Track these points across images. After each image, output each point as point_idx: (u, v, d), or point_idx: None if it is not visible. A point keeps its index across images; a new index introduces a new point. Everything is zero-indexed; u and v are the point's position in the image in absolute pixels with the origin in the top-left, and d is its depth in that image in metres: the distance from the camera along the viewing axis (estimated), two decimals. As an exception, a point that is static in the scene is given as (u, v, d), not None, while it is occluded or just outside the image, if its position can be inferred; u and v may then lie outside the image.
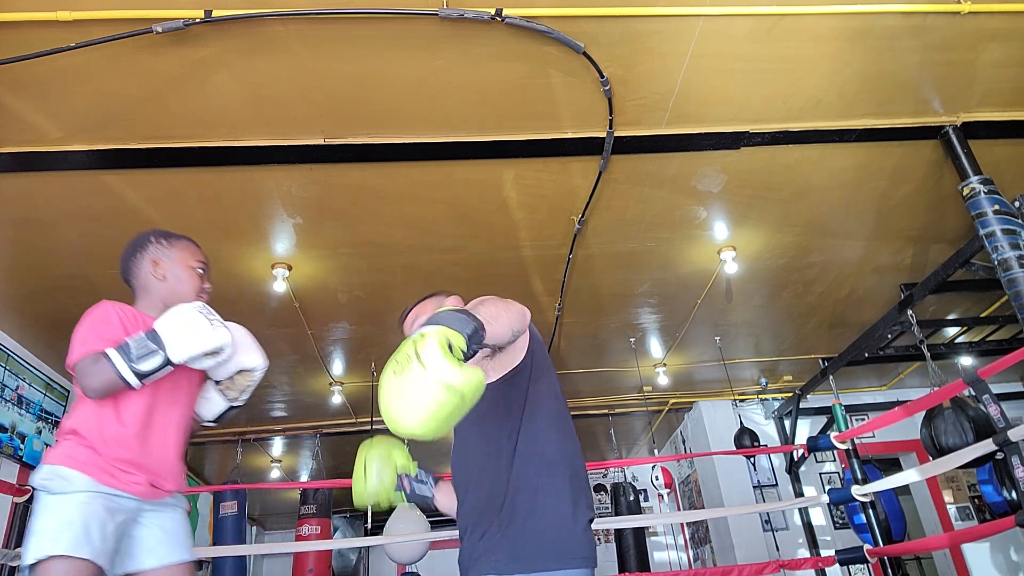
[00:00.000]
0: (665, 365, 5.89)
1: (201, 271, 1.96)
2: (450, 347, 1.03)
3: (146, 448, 1.70)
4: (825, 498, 3.99)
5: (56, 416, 4.69)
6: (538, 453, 1.39)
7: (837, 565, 4.15)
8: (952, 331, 5.47)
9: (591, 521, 1.41)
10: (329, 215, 3.50)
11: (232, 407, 1.94)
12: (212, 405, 1.92)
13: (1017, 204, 3.12)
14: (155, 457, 1.71)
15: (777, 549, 5.83)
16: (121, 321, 1.76)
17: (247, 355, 1.92)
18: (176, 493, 1.78)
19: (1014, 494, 3.85)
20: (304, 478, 8.34)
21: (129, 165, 2.99)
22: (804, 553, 5.66)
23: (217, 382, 1.94)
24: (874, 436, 6.32)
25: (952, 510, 6.31)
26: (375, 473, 1.68)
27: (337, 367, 5.38)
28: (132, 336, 1.65)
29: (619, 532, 5.99)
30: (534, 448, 1.40)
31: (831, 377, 5.04)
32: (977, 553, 6.07)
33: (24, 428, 4.31)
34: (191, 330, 1.68)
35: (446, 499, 1.74)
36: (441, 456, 6.53)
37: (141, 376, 1.61)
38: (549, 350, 5.20)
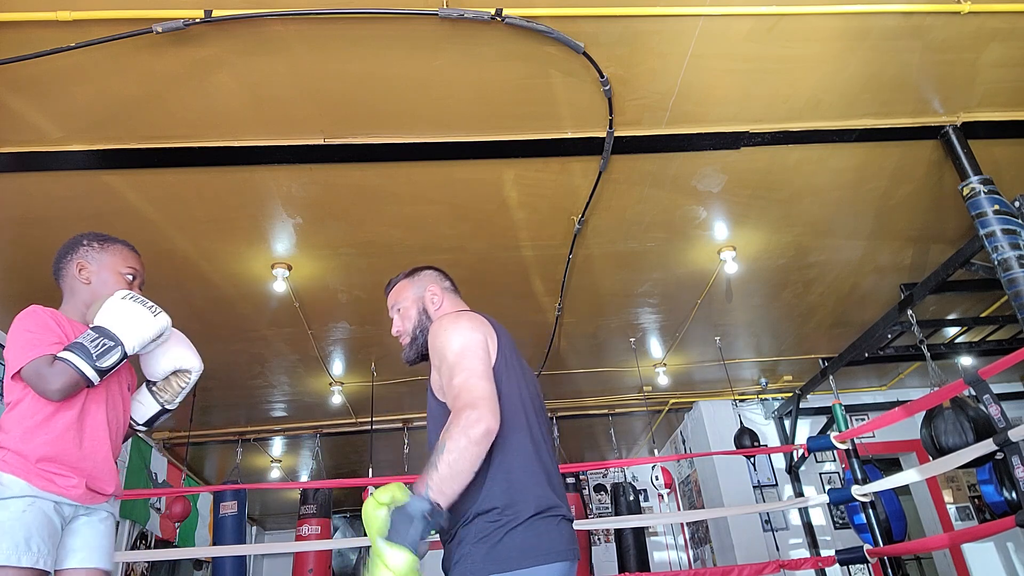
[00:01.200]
0: (665, 365, 5.90)
1: (130, 277, 1.94)
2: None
3: (81, 451, 1.70)
4: (825, 498, 3.99)
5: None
6: (498, 460, 1.43)
7: (837, 565, 4.15)
8: (952, 331, 5.47)
9: (563, 517, 1.45)
10: (329, 215, 3.50)
11: (164, 411, 1.93)
12: (144, 408, 1.92)
13: (1017, 204, 3.12)
14: (90, 460, 1.71)
15: (777, 549, 5.83)
16: (58, 324, 1.75)
17: (185, 354, 1.92)
18: (112, 498, 1.79)
19: (1014, 494, 3.85)
20: (304, 478, 8.34)
21: (129, 165, 3.00)
22: (804, 553, 5.67)
23: (151, 385, 1.93)
24: (874, 436, 6.32)
25: (952, 510, 6.31)
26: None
27: (337, 367, 5.38)
28: (82, 336, 1.66)
29: (619, 532, 5.99)
30: (495, 455, 1.42)
31: (831, 377, 5.04)
32: (977, 553, 6.07)
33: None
34: (136, 318, 1.72)
35: None
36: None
37: (101, 373, 1.64)
38: (549, 350, 5.21)
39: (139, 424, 1.93)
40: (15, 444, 1.63)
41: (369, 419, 6.04)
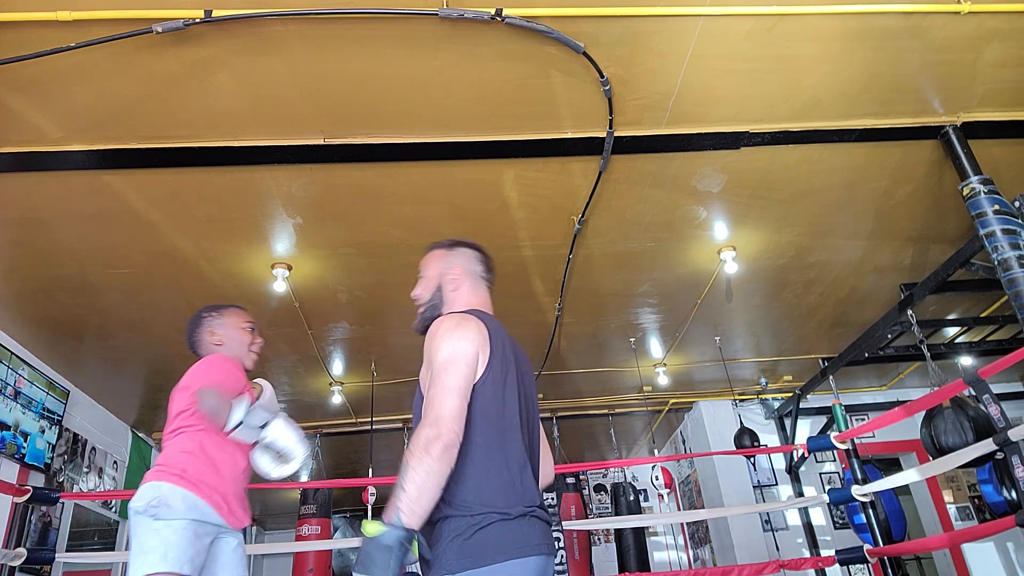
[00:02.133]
0: (665, 365, 5.90)
1: (251, 329, 2.42)
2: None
3: (232, 485, 2.14)
4: (825, 498, 3.99)
5: (57, 415, 4.69)
6: (470, 463, 1.46)
7: (837, 565, 4.16)
8: (952, 331, 5.47)
9: (537, 517, 1.47)
10: (329, 215, 3.50)
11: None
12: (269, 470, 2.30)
13: (1017, 204, 3.12)
14: (234, 492, 2.14)
15: (777, 549, 5.83)
16: (240, 374, 2.27)
17: (288, 464, 2.25)
18: (246, 528, 2.21)
19: (1014, 494, 3.85)
20: (304, 478, 8.34)
21: (129, 165, 3.00)
22: (804, 553, 5.67)
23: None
24: (874, 436, 6.32)
25: (952, 510, 6.31)
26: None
27: (337, 367, 5.38)
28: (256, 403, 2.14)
29: (619, 532, 5.99)
30: (466, 458, 1.45)
31: (831, 377, 5.04)
32: (977, 553, 6.07)
33: (27, 427, 4.31)
34: (291, 433, 2.15)
35: None
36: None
37: (233, 427, 2.05)
38: (549, 350, 5.21)
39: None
40: (186, 469, 2.10)
41: (369, 419, 6.04)
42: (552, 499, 5.18)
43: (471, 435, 1.46)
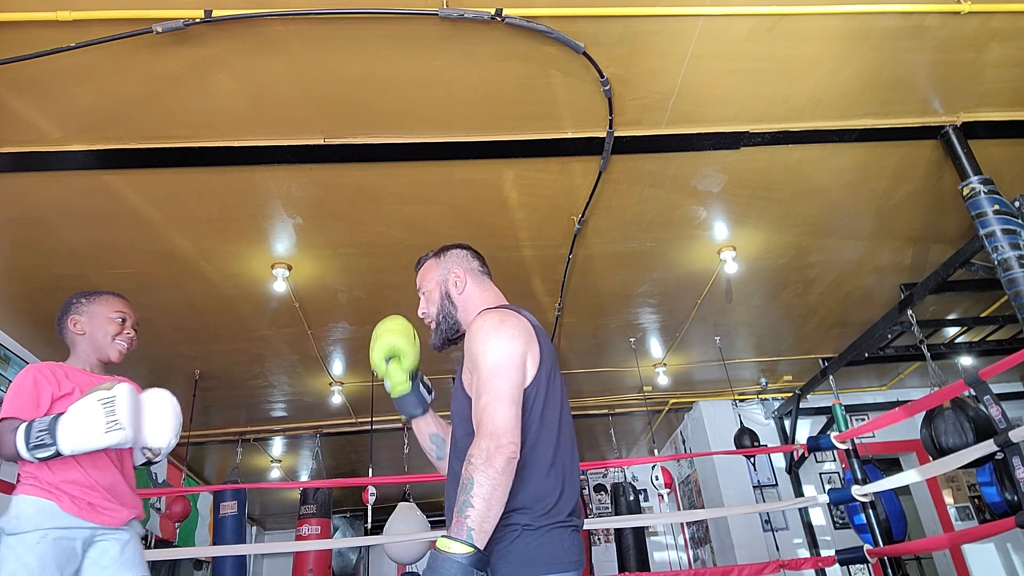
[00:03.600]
0: (665, 365, 5.90)
1: (120, 320, 2.23)
2: None
3: (103, 478, 1.96)
4: (825, 498, 3.99)
5: (56, 416, 4.68)
6: (519, 471, 1.37)
7: (837, 565, 4.15)
8: (952, 331, 5.47)
9: (576, 528, 1.42)
10: (329, 215, 3.50)
11: (151, 461, 2.14)
12: (138, 456, 2.13)
13: (1017, 204, 3.12)
14: (107, 486, 1.96)
15: (777, 549, 5.83)
16: (37, 385, 1.96)
17: (153, 438, 2.06)
18: (132, 520, 2.01)
19: (1015, 495, 3.85)
20: (304, 478, 8.34)
21: (129, 165, 3.00)
22: (804, 553, 5.66)
23: None
24: (874, 436, 6.32)
25: (952, 510, 6.31)
26: (403, 338, 1.73)
27: (337, 367, 5.38)
28: (38, 420, 1.85)
29: (619, 532, 5.99)
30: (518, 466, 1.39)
31: (831, 377, 5.04)
32: (977, 553, 6.07)
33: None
34: (87, 428, 1.83)
35: (429, 427, 1.74)
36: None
37: (36, 458, 1.82)
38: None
39: (137, 465, 2.14)
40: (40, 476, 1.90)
41: (369, 419, 6.04)
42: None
43: (524, 442, 1.38)
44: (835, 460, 6.59)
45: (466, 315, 1.68)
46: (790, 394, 6.35)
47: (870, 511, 3.82)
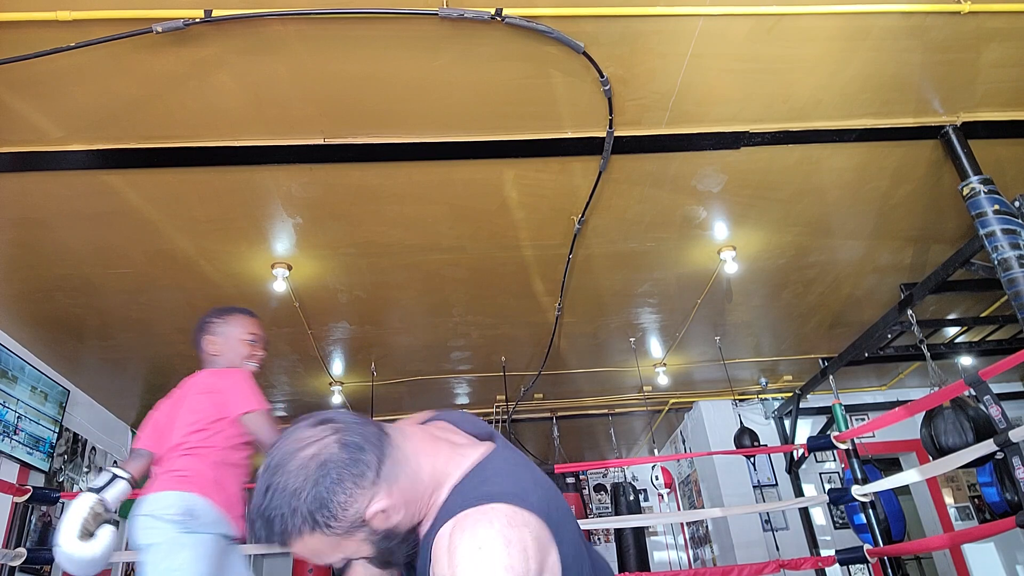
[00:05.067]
0: (665, 365, 5.90)
1: (252, 341, 2.37)
2: None
3: (240, 496, 2.14)
4: (825, 498, 3.99)
5: (57, 415, 4.68)
6: None
7: (837, 565, 4.15)
8: (952, 331, 5.47)
9: None
10: (329, 215, 3.50)
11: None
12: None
13: (1017, 204, 3.12)
14: (242, 503, 2.14)
15: (777, 549, 5.83)
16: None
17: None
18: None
19: (1015, 495, 3.85)
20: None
21: (129, 165, 3.00)
22: (804, 553, 5.66)
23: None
24: (874, 436, 6.32)
25: (952, 510, 6.31)
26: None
27: (337, 367, 5.38)
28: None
29: (619, 532, 5.99)
30: None
31: (831, 377, 5.04)
32: (977, 553, 6.07)
33: (27, 427, 4.31)
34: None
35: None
36: None
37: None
38: (549, 350, 5.21)
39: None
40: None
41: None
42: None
43: None
44: (835, 460, 6.59)
45: (420, 503, 0.99)
46: (790, 394, 6.35)
47: (870, 511, 3.82)
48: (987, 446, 2.95)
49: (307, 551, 0.93)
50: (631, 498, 6.02)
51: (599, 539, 7.92)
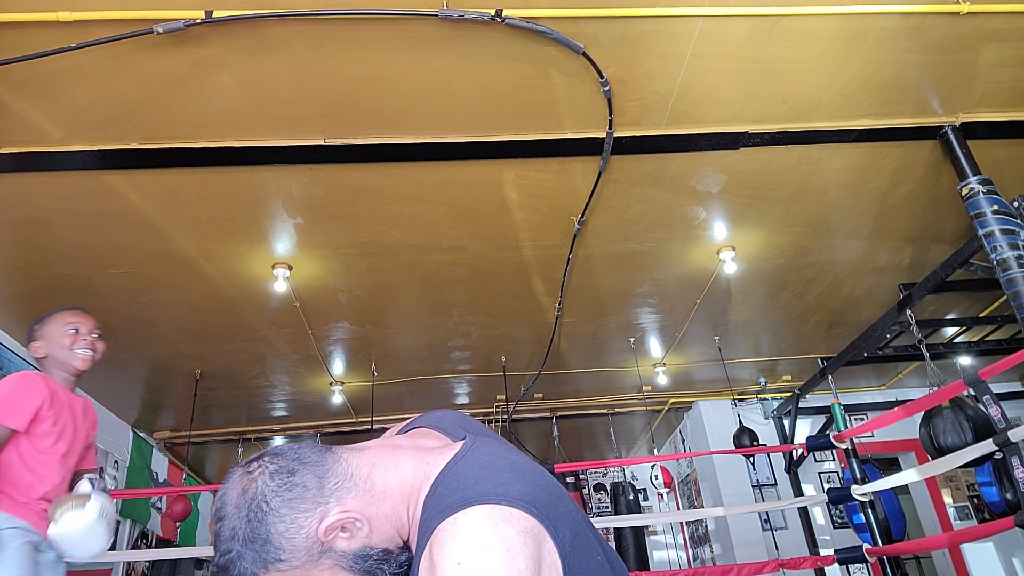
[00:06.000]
0: (664, 365, 5.90)
1: (72, 331, 2.31)
2: None
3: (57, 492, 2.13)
4: (824, 498, 4.00)
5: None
6: None
7: (836, 565, 4.16)
8: (951, 331, 5.48)
9: None
10: (330, 215, 3.51)
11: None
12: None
13: (1016, 204, 3.13)
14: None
15: (776, 548, 5.84)
16: (26, 395, 2.12)
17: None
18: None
19: (1014, 495, 3.85)
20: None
21: (130, 165, 3.00)
22: (803, 552, 5.67)
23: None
24: (873, 436, 6.33)
25: (951, 510, 6.32)
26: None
27: (337, 367, 5.39)
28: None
29: (619, 531, 6.00)
30: None
31: (830, 377, 5.05)
32: (977, 553, 6.08)
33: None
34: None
35: None
36: None
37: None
38: (549, 350, 5.22)
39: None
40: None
41: (369, 418, 6.05)
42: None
43: None
44: (834, 460, 6.60)
45: (396, 519, 0.93)
46: (789, 394, 6.35)
47: (869, 511, 3.83)
48: (986, 446, 2.95)
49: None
50: (631, 497, 6.02)
51: (599, 539, 7.91)
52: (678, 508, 7.71)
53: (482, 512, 0.83)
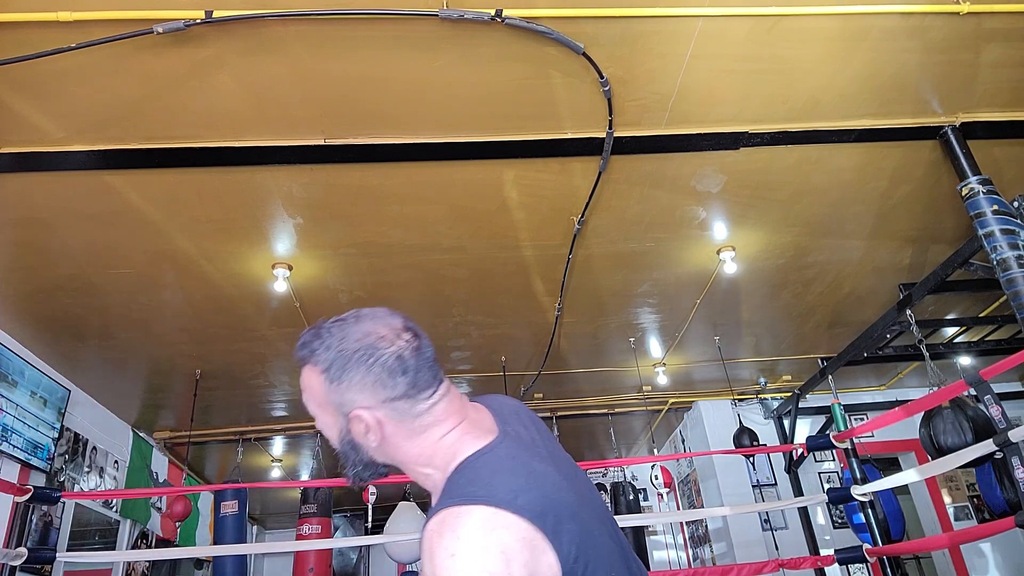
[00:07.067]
0: (664, 365, 5.90)
1: None
2: None
3: None
4: (824, 498, 4.00)
5: (58, 415, 4.69)
6: None
7: (836, 565, 4.16)
8: (951, 331, 5.48)
9: None
10: (330, 215, 3.51)
11: None
12: None
13: (1016, 204, 3.12)
14: None
15: (776, 548, 5.84)
16: None
17: None
18: None
19: (1014, 495, 3.85)
20: (304, 477, 8.35)
21: (130, 165, 3.00)
22: (803, 552, 5.67)
23: None
24: (873, 436, 6.33)
25: (951, 510, 6.32)
26: None
27: (337, 367, 5.38)
28: None
29: (619, 531, 5.99)
30: None
31: (830, 377, 5.05)
32: (977, 553, 6.08)
33: (27, 427, 4.31)
34: None
35: None
36: None
37: None
38: (549, 350, 5.22)
39: None
40: None
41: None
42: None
43: None
44: (834, 460, 6.60)
45: (417, 474, 1.05)
46: (789, 394, 6.35)
47: (869, 511, 3.83)
48: (986, 446, 2.95)
49: (304, 382, 1.02)
50: (631, 497, 6.02)
51: (599, 539, 7.91)
52: (678, 508, 7.71)
53: (483, 514, 0.86)
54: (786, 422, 6.30)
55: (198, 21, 2.34)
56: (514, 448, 1.00)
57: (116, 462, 5.74)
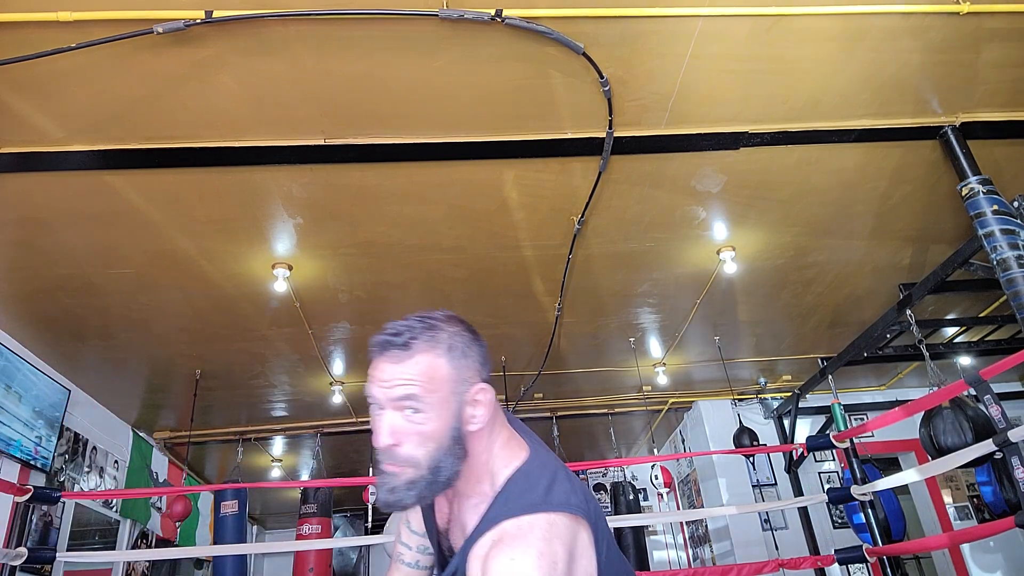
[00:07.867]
0: (664, 365, 5.90)
1: None
2: None
3: None
4: (824, 497, 4.00)
5: (58, 415, 4.69)
6: None
7: (836, 565, 4.16)
8: (951, 331, 5.48)
9: None
10: (329, 215, 3.51)
11: None
12: None
13: (1016, 204, 3.12)
14: None
15: (776, 548, 5.84)
16: None
17: None
18: None
19: (1014, 494, 3.85)
20: (305, 477, 8.35)
21: (130, 165, 3.00)
22: (803, 552, 5.67)
23: None
24: (873, 436, 6.33)
25: (951, 510, 6.32)
26: None
27: (337, 367, 5.39)
28: None
29: (618, 531, 6.00)
30: None
31: (830, 377, 5.05)
32: (977, 553, 6.08)
33: (27, 427, 4.31)
34: None
35: None
36: None
37: None
38: (549, 350, 5.22)
39: None
40: None
41: (369, 418, 6.04)
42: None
43: None
44: (834, 460, 6.60)
45: (469, 479, 1.03)
46: (789, 394, 6.35)
47: (869, 510, 3.83)
48: (986, 446, 2.95)
49: (407, 371, 1.00)
50: (631, 497, 6.02)
51: (599, 538, 7.91)
52: (678, 508, 7.71)
53: (545, 521, 0.93)
54: (786, 422, 6.30)
55: (198, 21, 2.34)
56: (546, 454, 1.07)
57: (116, 462, 5.74)
